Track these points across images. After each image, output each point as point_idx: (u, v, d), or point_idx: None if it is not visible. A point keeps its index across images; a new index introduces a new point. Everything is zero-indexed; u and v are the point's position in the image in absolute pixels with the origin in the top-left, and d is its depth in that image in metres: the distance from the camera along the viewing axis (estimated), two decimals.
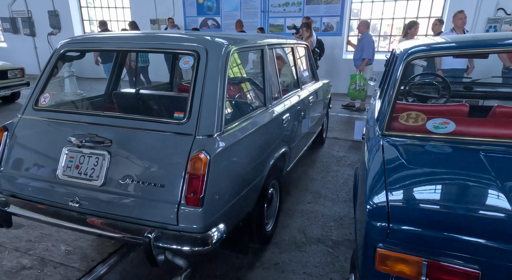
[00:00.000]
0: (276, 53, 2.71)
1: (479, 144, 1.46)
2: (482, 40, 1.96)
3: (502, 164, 1.29)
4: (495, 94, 3.13)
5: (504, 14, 5.67)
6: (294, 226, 2.52)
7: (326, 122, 4.56)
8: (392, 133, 1.66)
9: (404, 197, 1.11)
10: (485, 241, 0.93)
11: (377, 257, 1.07)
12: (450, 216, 1.01)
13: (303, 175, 3.48)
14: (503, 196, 1.03)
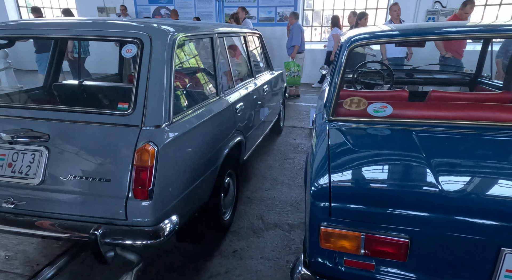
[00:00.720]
0: (228, 42, 2.69)
1: (415, 126, 1.58)
2: (421, 28, 2.09)
3: (432, 143, 1.42)
4: (432, 80, 3.40)
5: (440, 6, 6.13)
6: (253, 213, 2.57)
7: (282, 110, 4.64)
8: (338, 118, 1.73)
9: (344, 177, 1.18)
10: (412, 212, 1.02)
11: (321, 235, 1.13)
12: (383, 192, 1.09)
13: (261, 164, 3.53)
14: (429, 172, 1.13)
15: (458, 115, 1.62)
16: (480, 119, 1.56)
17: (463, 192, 1.04)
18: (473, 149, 1.37)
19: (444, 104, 1.76)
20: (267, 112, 3.45)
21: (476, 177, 1.13)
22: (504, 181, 1.10)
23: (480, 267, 1.00)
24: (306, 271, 1.25)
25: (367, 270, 1.14)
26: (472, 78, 3.20)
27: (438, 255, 1.04)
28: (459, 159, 1.26)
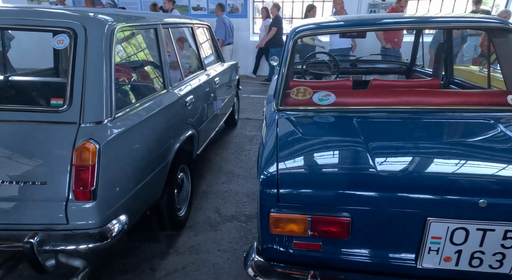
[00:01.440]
0: (175, 33, 2.60)
1: (357, 112, 1.67)
2: (361, 20, 2.19)
3: (370, 128, 1.51)
4: (374, 69, 3.62)
5: (380, 0, 6.53)
6: (209, 207, 2.55)
7: (237, 103, 4.64)
8: (286, 107, 1.77)
9: (291, 165, 1.21)
10: (352, 192, 1.09)
11: (271, 221, 1.16)
12: (325, 176, 1.14)
13: (216, 157, 3.51)
14: (367, 155, 1.21)
15: (395, 101, 1.74)
16: (413, 104, 1.70)
17: (395, 171, 1.13)
18: (407, 131, 1.49)
19: (383, 91, 1.88)
20: (220, 104, 3.42)
21: (407, 156, 1.23)
22: (430, 158, 1.22)
23: (411, 236, 1.10)
24: (259, 257, 1.28)
25: (314, 250, 1.20)
26: (407, 67, 3.47)
27: (375, 229, 1.12)
28: (394, 141, 1.36)
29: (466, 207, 1.02)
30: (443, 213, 1.05)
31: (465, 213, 1.03)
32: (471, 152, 1.23)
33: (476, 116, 1.53)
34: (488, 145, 1.27)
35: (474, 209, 1.02)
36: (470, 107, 1.60)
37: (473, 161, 1.17)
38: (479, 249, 1.06)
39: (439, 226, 1.05)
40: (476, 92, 1.77)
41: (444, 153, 1.24)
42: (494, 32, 1.85)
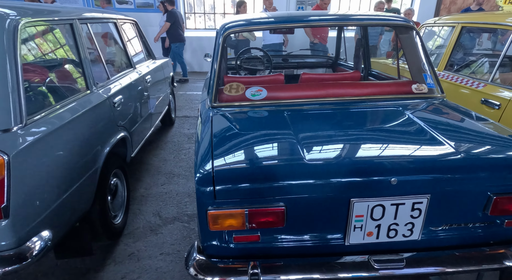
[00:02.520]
0: (96, 29, 2.41)
1: (288, 105, 1.75)
2: (288, 16, 2.27)
3: (300, 119, 1.60)
4: (304, 64, 3.81)
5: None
6: (148, 211, 2.45)
7: (173, 101, 4.49)
8: (220, 104, 1.78)
9: (225, 161, 1.22)
10: (285, 182, 1.15)
11: (209, 218, 1.16)
12: (259, 169, 1.18)
13: (154, 158, 3.37)
14: (296, 146, 1.28)
15: (321, 93, 1.86)
16: (337, 96, 1.84)
17: (321, 159, 1.22)
18: (331, 121, 1.61)
19: (311, 85, 1.99)
20: (154, 103, 3.28)
21: (331, 144, 1.34)
22: (351, 145, 1.34)
23: (338, 217, 1.20)
24: (201, 256, 1.28)
25: (254, 242, 1.23)
26: (333, 60, 3.73)
27: (308, 214, 1.20)
28: (320, 131, 1.45)
29: (381, 186, 1.15)
30: (364, 193, 1.16)
31: (381, 191, 1.16)
32: (384, 137, 1.38)
33: (388, 105, 1.71)
34: (397, 130, 1.44)
35: (387, 187, 1.15)
36: (383, 97, 1.79)
37: (385, 144, 1.32)
38: (394, 221, 1.20)
39: (361, 205, 1.17)
40: (388, 82, 1.98)
41: (362, 139, 1.37)
42: (399, 29, 2.09)
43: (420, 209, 1.18)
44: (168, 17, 6.15)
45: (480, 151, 1.26)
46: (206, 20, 8.23)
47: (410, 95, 1.80)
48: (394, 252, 1.25)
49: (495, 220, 1.24)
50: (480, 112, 2.31)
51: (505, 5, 2.88)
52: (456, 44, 2.79)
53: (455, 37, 2.77)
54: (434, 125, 1.41)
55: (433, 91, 1.83)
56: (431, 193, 1.16)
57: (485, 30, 3.02)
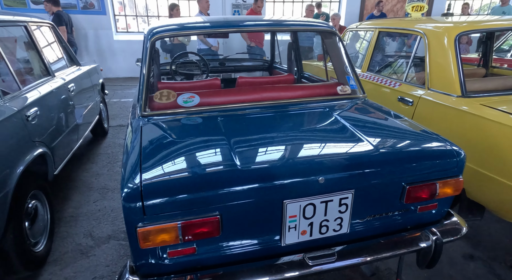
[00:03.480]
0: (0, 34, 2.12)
1: (223, 111, 1.72)
2: (217, 21, 2.26)
3: (233, 125, 1.59)
4: (241, 67, 3.84)
5: (241, 1, 6.98)
6: (78, 232, 2.23)
7: (104, 110, 4.19)
8: (151, 113, 1.69)
9: (155, 174, 1.16)
10: (218, 190, 1.13)
11: (140, 236, 1.09)
12: (190, 179, 1.14)
13: (85, 173, 3.09)
14: (229, 152, 1.27)
15: (256, 97, 1.88)
16: (271, 99, 1.87)
17: (254, 163, 1.22)
18: (264, 124, 1.63)
19: (245, 89, 1.99)
20: (81, 113, 3.01)
21: (264, 148, 1.36)
22: (282, 148, 1.37)
23: (273, 220, 1.22)
24: (134, 277, 1.19)
25: (190, 254, 1.19)
26: (269, 64, 3.83)
27: (243, 220, 1.20)
28: (253, 136, 1.47)
29: (311, 186, 1.20)
30: (295, 194, 1.20)
31: (311, 190, 1.20)
32: (311, 138, 1.45)
33: (316, 106, 1.80)
34: (323, 130, 1.52)
35: (316, 186, 1.20)
36: (312, 99, 1.87)
37: (312, 145, 1.39)
38: (325, 218, 1.26)
39: (293, 206, 1.20)
40: (317, 85, 2.09)
41: (291, 141, 1.42)
42: (324, 34, 2.22)
43: (346, 204, 1.26)
44: (55, 21, 5.30)
45: (395, 146, 1.39)
46: (139, 22, 7.86)
47: (336, 96, 1.92)
48: (328, 247, 1.32)
49: (410, 207, 1.38)
50: (397, 109, 2.57)
51: (412, 12, 3.24)
52: (375, 47, 3.06)
53: (374, 41, 3.04)
54: (356, 124, 1.52)
55: (355, 92, 1.97)
56: (355, 188, 1.24)
57: (399, 34, 3.37)
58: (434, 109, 2.20)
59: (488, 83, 2.25)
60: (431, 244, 1.34)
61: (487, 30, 2.76)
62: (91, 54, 6.93)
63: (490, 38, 3.15)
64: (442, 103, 2.13)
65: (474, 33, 2.56)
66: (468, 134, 1.95)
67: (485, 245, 2.08)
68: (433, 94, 2.23)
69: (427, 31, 2.40)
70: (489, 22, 2.45)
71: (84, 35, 6.75)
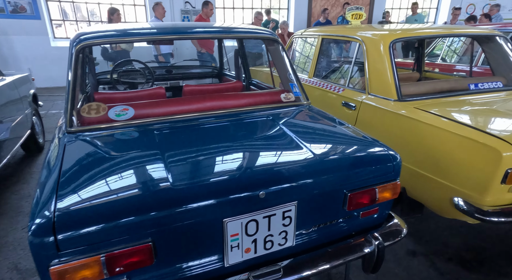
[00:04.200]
0: None
1: (160, 123, 1.60)
2: (155, 28, 2.11)
3: (171, 138, 1.48)
4: (190, 74, 3.72)
5: (190, 7, 6.85)
6: (2, 265, 1.95)
7: (39, 123, 3.80)
8: (78, 128, 1.52)
9: (72, 200, 1.02)
10: (148, 214, 1.03)
11: (54, 277, 0.94)
12: (115, 204, 1.03)
13: (13, 196, 2.75)
14: (163, 169, 1.17)
15: (199, 107, 1.79)
16: (214, 108, 1.80)
17: (188, 181, 1.13)
18: (205, 136, 1.54)
19: (188, 98, 1.89)
20: (6, 128, 2.68)
21: (201, 164, 1.27)
22: (220, 163, 1.30)
23: (214, 240, 1.14)
24: None
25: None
26: (218, 70, 3.76)
27: (180, 244, 1.10)
28: (191, 150, 1.37)
29: (251, 201, 1.14)
30: (235, 211, 1.13)
31: (252, 206, 1.15)
32: (252, 150, 1.39)
33: (260, 115, 1.76)
34: (265, 141, 1.48)
35: (257, 201, 1.15)
36: (256, 107, 1.83)
37: (253, 157, 1.33)
38: (269, 233, 1.21)
39: (234, 224, 1.14)
40: (262, 92, 2.06)
41: (231, 154, 1.35)
42: (267, 41, 2.20)
43: (290, 217, 1.22)
44: None
45: (336, 154, 1.39)
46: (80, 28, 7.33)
47: (280, 104, 1.90)
48: (274, 263, 1.27)
49: (353, 213, 1.38)
50: (342, 114, 2.65)
51: (352, 20, 3.39)
52: (320, 53, 3.14)
53: (318, 47, 3.12)
54: (298, 133, 1.51)
55: (299, 99, 1.97)
56: (297, 200, 1.21)
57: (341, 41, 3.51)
58: (375, 113, 2.29)
59: (421, 87, 2.40)
60: (374, 249, 1.36)
61: (418, 38, 2.97)
62: (23, 62, 6.29)
63: (422, 45, 3.40)
64: (381, 107, 2.22)
65: (406, 40, 2.73)
66: (405, 136, 2.05)
67: (426, 240, 2.20)
68: (373, 99, 2.33)
69: (365, 38, 2.51)
70: (419, 30, 2.63)
71: (14, 42, 6.11)
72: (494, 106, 2.03)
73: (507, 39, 2.58)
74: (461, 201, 1.73)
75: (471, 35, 2.75)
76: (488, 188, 1.62)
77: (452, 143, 1.76)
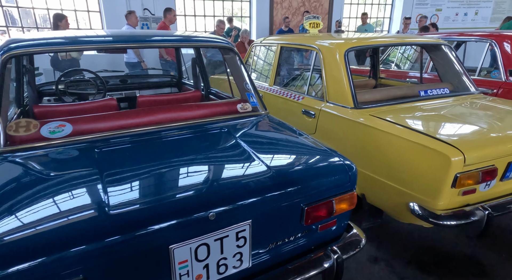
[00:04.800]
0: None
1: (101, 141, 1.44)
2: (107, 35, 1.94)
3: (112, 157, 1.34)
4: (148, 84, 3.55)
5: (150, 14, 6.64)
6: None
7: None
8: (7, 149, 1.34)
9: None
10: (80, 246, 0.90)
11: None
12: (36, 237, 0.89)
13: None
14: (100, 192, 1.05)
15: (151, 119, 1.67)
16: (171, 120, 1.69)
17: (128, 206, 1.02)
18: (154, 152, 1.41)
19: (138, 111, 1.75)
20: None
21: (144, 185, 1.15)
22: (166, 181, 1.19)
23: (159, 270, 1.04)
24: None
25: None
26: (178, 79, 3.63)
27: (120, 277, 0.99)
28: (135, 167, 1.24)
29: (200, 224, 1.06)
30: (183, 236, 1.04)
31: (201, 229, 1.06)
32: (203, 167, 1.30)
33: (215, 127, 1.68)
34: (218, 156, 1.40)
35: (207, 223, 1.06)
36: (211, 119, 1.75)
37: (202, 174, 1.24)
38: (222, 256, 1.13)
39: (182, 250, 1.04)
40: (218, 103, 1.98)
41: (179, 172, 1.26)
42: (223, 50, 2.14)
43: (245, 237, 1.15)
44: None
45: (291, 166, 1.35)
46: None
47: (236, 114, 1.84)
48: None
49: (312, 227, 1.34)
50: (302, 122, 2.64)
51: (310, 28, 3.44)
52: (279, 61, 3.14)
53: (277, 56, 3.12)
54: (254, 145, 1.44)
55: (257, 109, 1.92)
56: (251, 218, 1.14)
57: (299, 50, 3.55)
58: (333, 121, 2.30)
59: (376, 94, 2.46)
60: (333, 263, 1.32)
61: (372, 46, 3.06)
62: None
63: (376, 53, 3.53)
64: (339, 115, 2.24)
65: (361, 49, 2.81)
66: (363, 143, 2.07)
67: (387, 245, 2.22)
68: (331, 107, 2.34)
69: (321, 46, 2.53)
70: (372, 39, 2.71)
71: None
72: (442, 111, 2.12)
73: (451, 47, 2.74)
74: (416, 206, 1.76)
75: (419, 44, 2.89)
76: (439, 193, 1.66)
77: (406, 149, 1.80)
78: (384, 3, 9.40)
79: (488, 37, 3.20)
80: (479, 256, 2.11)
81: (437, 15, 9.34)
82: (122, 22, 6.12)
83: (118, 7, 6.35)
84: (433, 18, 9.26)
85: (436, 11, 9.28)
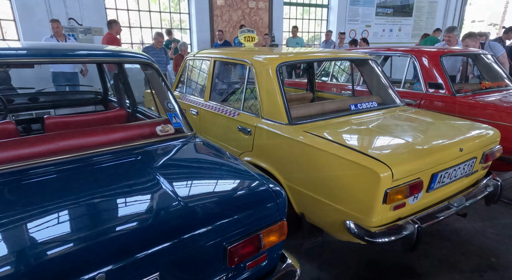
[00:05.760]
0: None
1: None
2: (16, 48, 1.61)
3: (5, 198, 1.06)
4: (66, 102, 3.13)
5: (77, 24, 6.09)
6: None
7: None
8: None
9: None
10: None
11: None
12: None
13: None
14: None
15: (52, 147, 1.40)
16: (77, 148, 1.43)
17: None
18: (41, 191, 1.13)
19: (39, 138, 1.46)
20: None
21: (17, 236, 0.89)
22: (49, 232, 0.94)
23: None
24: None
25: None
26: (103, 96, 3.28)
27: None
28: (11, 213, 0.98)
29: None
30: None
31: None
32: (98, 212, 1.06)
33: (128, 155, 1.45)
34: (121, 194, 1.16)
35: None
36: (125, 145, 1.52)
37: (94, 223, 1.00)
38: None
39: None
40: (138, 124, 1.76)
41: (58, 222, 1.00)
42: (143, 66, 1.92)
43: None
44: None
45: (211, 199, 1.18)
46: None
47: (156, 138, 1.63)
48: None
49: (238, 267, 1.18)
50: (239, 139, 2.51)
51: (245, 42, 3.37)
52: (213, 76, 2.99)
53: (211, 70, 2.97)
54: (169, 177, 1.25)
55: (181, 130, 1.74)
56: (159, 270, 0.95)
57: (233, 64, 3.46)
58: (269, 137, 2.21)
59: (310, 109, 2.43)
60: None
61: (304, 61, 3.08)
62: None
63: (311, 67, 3.59)
64: (274, 131, 2.15)
65: (293, 64, 2.79)
66: (298, 160, 1.99)
67: (329, 263, 2.16)
68: (266, 123, 2.25)
69: (254, 61, 2.45)
70: (305, 54, 2.71)
71: None
72: (370, 125, 2.15)
73: (377, 62, 2.86)
74: (352, 224, 1.71)
75: (348, 59, 2.98)
76: (372, 210, 1.63)
77: (338, 165, 1.75)
78: (320, 19, 9.91)
79: (409, 52, 3.43)
80: (415, 265, 2.15)
81: (367, 30, 10.10)
82: (42, 32, 5.52)
83: (37, 16, 5.72)
84: (363, 33, 9.99)
85: (366, 27, 10.04)
